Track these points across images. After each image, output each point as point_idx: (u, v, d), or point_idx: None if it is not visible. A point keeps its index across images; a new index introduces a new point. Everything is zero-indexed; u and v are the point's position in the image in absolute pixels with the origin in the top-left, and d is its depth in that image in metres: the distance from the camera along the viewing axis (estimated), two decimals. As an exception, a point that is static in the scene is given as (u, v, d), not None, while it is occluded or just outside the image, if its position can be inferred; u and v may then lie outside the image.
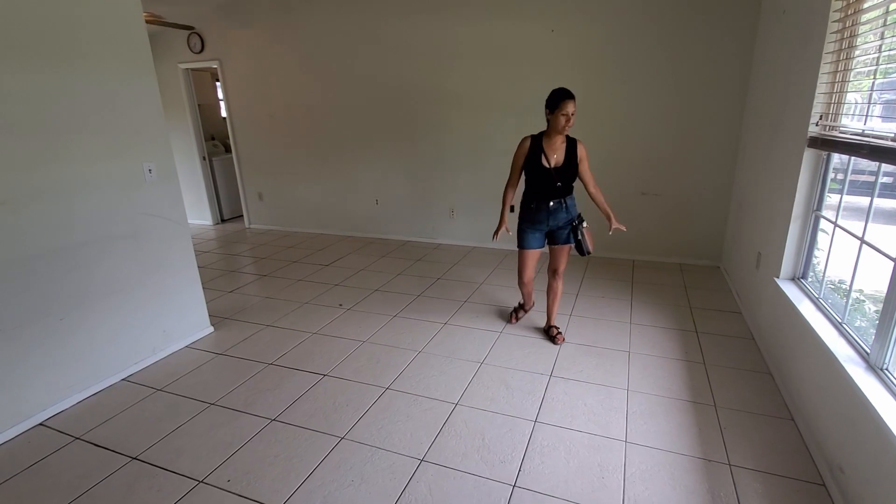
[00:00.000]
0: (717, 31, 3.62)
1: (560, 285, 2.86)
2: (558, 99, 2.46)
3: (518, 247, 2.80)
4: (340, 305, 3.50)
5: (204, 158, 5.99)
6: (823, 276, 2.25)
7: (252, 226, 6.06)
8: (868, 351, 1.73)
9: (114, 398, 2.44)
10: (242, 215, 6.12)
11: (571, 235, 2.70)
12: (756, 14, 3.49)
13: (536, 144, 2.60)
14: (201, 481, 1.86)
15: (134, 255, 2.62)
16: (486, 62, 4.32)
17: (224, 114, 6.54)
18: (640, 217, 4.22)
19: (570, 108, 2.45)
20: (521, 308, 3.16)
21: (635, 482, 1.79)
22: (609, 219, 2.70)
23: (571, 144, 2.60)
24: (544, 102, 2.55)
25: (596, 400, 2.30)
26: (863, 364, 1.72)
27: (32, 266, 2.19)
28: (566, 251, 2.76)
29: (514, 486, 1.79)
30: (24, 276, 2.16)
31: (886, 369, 1.62)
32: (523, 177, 2.70)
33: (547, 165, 2.57)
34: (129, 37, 2.52)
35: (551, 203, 2.63)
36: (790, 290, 2.38)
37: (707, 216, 4.07)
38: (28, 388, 2.22)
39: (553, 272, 2.82)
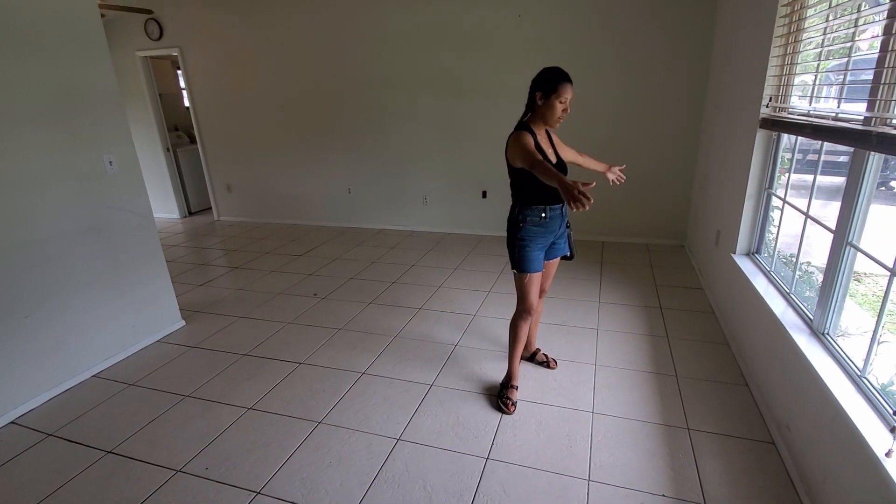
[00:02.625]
0: (678, 15, 3.71)
1: (542, 306, 2.48)
2: (555, 81, 1.94)
3: (523, 270, 2.07)
4: (315, 295, 3.50)
5: (168, 150, 5.82)
6: (774, 250, 2.38)
7: (221, 218, 5.94)
8: (812, 318, 1.86)
9: (85, 394, 2.41)
10: (211, 208, 6.00)
11: (566, 243, 2.27)
12: (715, 4, 3.59)
13: (534, 139, 2.00)
14: (179, 470, 1.87)
15: (98, 250, 2.57)
16: (454, 49, 4.32)
17: (187, 103, 6.35)
18: (607, 199, 4.31)
19: (568, 93, 1.96)
20: (512, 386, 2.22)
21: (601, 449, 1.89)
22: (607, 165, 2.42)
23: (551, 138, 2.18)
24: (514, 87, 2.54)
25: (565, 375, 2.40)
26: (807, 330, 1.84)
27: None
28: (557, 264, 2.35)
29: (488, 458, 1.87)
30: (-17, 273, 2.10)
31: (827, 334, 1.75)
32: (519, 185, 2.08)
33: (553, 162, 2.04)
34: (83, 23, 2.43)
35: (563, 207, 2.10)
36: (745, 265, 2.51)
37: (671, 197, 4.21)
38: (-7, 387, 2.17)
39: (541, 292, 2.32)
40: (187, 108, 6.51)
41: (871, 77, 1.52)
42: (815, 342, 1.76)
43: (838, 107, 1.77)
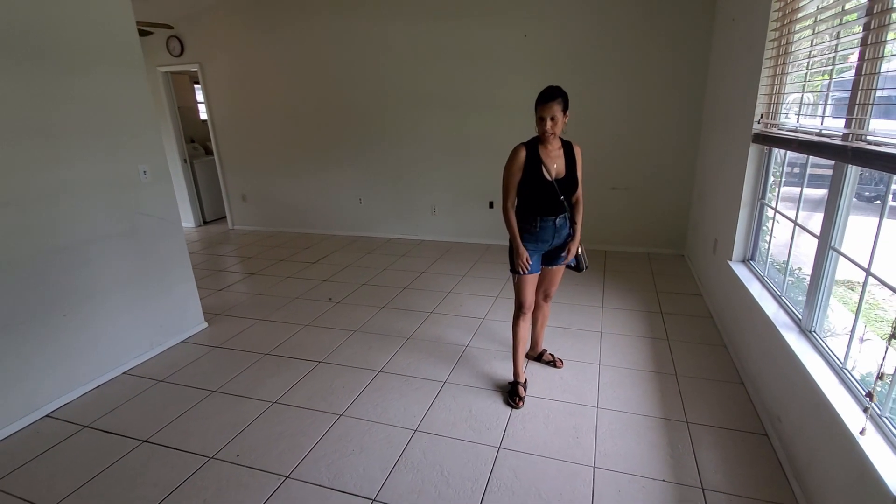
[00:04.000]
0: (676, 37, 3.91)
1: (549, 309, 2.60)
2: (537, 102, 2.09)
3: (517, 272, 2.26)
4: (330, 299, 3.66)
5: (185, 161, 6.03)
6: (767, 256, 2.53)
7: (236, 227, 6.13)
8: (801, 318, 2.00)
9: (117, 390, 2.56)
10: (225, 217, 6.19)
11: (565, 254, 2.35)
12: (711, 21, 3.80)
13: (533, 154, 2.14)
14: (212, 457, 2.01)
15: (131, 254, 2.74)
16: (463, 65, 4.53)
17: (204, 116, 6.58)
18: (610, 210, 4.50)
19: (547, 111, 2.05)
20: (517, 383, 2.37)
21: (606, 440, 2.03)
22: (574, 236, 2.33)
23: (569, 150, 2.24)
24: (520, 102, 2.71)
25: (571, 374, 2.53)
26: (796, 329, 1.99)
27: (37, 264, 2.29)
28: (562, 272, 2.44)
29: (500, 447, 2.00)
30: (31, 274, 2.26)
31: (814, 331, 1.89)
32: (517, 195, 2.24)
33: (549, 178, 2.15)
34: (123, 42, 2.64)
35: (557, 220, 2.21)
36: (740, 271, 2.66)
37: (671, 208, 4.37)
38: (34, 381, 2.32)
39: (546, 296, 2.49)
40: (203, 120, 6.74)
41: (848, 97, 1.69)
42: (803, 339, 1.90)
43: (822, 123, 1.94)
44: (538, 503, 1.72)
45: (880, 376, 1.33)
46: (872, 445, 1.31)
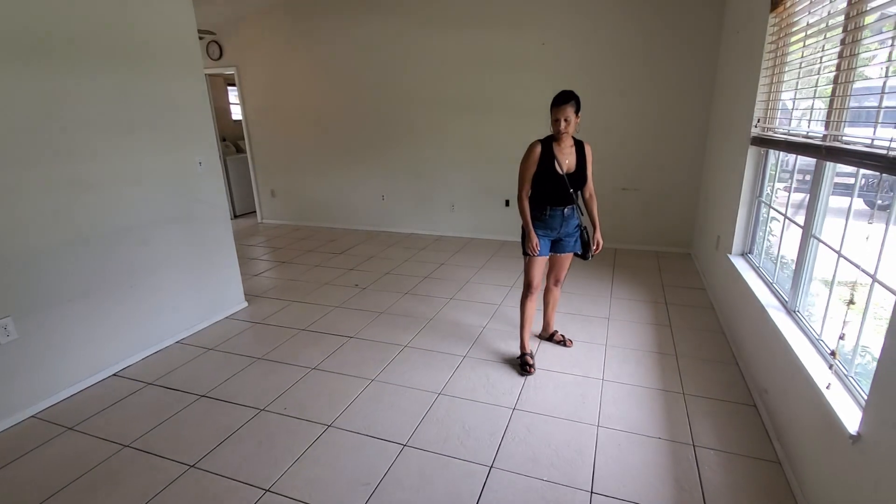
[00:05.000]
0: (687, 46, 4.15)
1: (559, 293, 2.86)
2: (552, 104, 2.38)
3: (527, 254, 2.56)
4: (356, 286, 3.96)
5: (220, 158, 6.40)
6: (762, 249, 2.76)
7: (264, 221, 6.48)
8: (787, 300, 2.23)
9: (173, 356, 2.87)
10: (255, 211, 6.55)
11: (578, 242, 2.62)
12: (719, 32, 4.03)
13: (547, 150, 2.43)
14: (263, 409, 2.31)
15: (186, 236, 3.06)
16: (484, 71, 4.82)
17: (237, 117, 6.97)
18: (620, 210, 4.74)
19: (561, 113, 2.33)
20: (525, 354, 2.65)
21: (609, 404, 2.28)
22: (595, 228, 2.66)
23: (580, 148, 2.50)
24: (537, 107, 2.99)
25: (580, 353, 2.79)
26: (783, 309, 2.22)
27: (111, 240, 2.62)
28: (570, 259, 2.70)
29: (514, 408, 2.27)
30: (105, 248, 2.59)
31: (797, 311, 2.12)
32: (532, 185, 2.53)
33: (560, 172, 2.43)
34: (186, 47, 2.98)
35: (566, 210, 2.49)
36: (738, 263, 2.89)
37: (680, 208, 4.59)
38: (104, 343, 2.64)
39: (556, 281, 2.76)
40: (235, 120, 7.14)
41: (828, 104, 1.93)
42: (788, 318, 2.13)
43: (808, 127, 2.18)
44: (548, 451, 1.98)
45: (841, 337, 1.57)
46: (836, 397, 1.55)
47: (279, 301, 3.66)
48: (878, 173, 1.47)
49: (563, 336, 2.89)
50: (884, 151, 1.37)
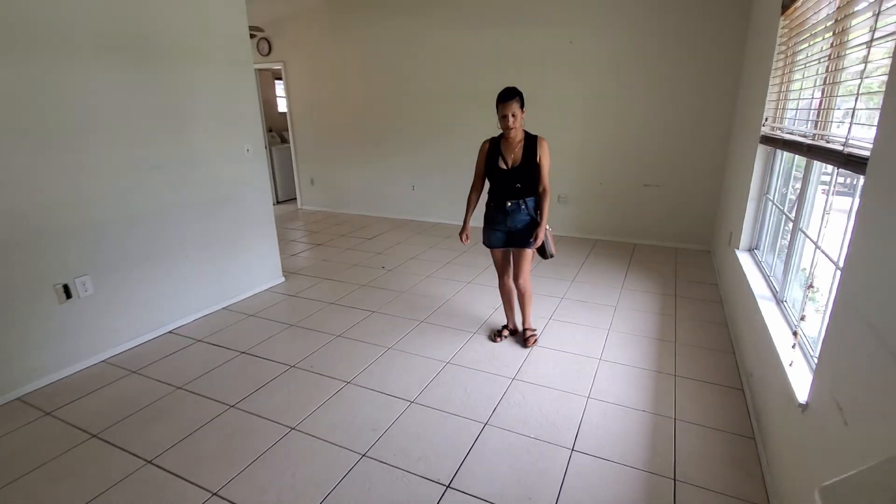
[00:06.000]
0: (714, 44, 4.19)
1: (525, 288, 2.74)
2: (497, 101, 2.45)
3: (483, 242, 2.76)
4: (383, 268, 4.27)
5: (265, 147, 6.88)
6: (765, 244, 2.85)
7: (303, 207, 6.93)
8: (778, 290, 2.35)
9: (219, 320, 3.27)
10: (295, 198, 7.00)
11: (532, 239, 2.59)
12: (745, 32, 4.06)
13: (494, 147, 2.58)
14: (293, 366, 2.64)
15: (234, 215, 3.45)
16: (512, 67, 5.00)
17: (281, 109, 7.45)
18: (641, 205, 4.83)
19: (505, 109, 2.41)
20: (506, 328, 2.96)
21: (601, 381, 2.47)
22: (539, 222, 2.59)
23: (531, 143, 2.53)
24: (564, 103, 3.15)
25: (582, 334, 2.98)
26: (773, 299, 2.34)
27: (171, 215, 3.02)
28: (525, 255, 2.66)
29: (514, 378, 2.50)
30: (167, 220, 3.00)
31: (784, 301, 2.24)
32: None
33: (504, 167, 2.53)
34: (239, 44, 3.34)
35: (508, 204, 2.56)
36: (743, 258, 2.99)
37: (701, 205, 4.63)
38: (162, 305, 3.05)
39: (514, 276, 2.75)
40: (280, 112, 7.62)
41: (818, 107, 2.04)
42: (776, 307, 2.26)
43: (806, 127, 2.28)
44: (538, 415, 2.21)
45: (802, 318, 1.71)
46: (795, 373, 1.70)
47: (312, 278, 4.02)
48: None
49: (532, 332, 2.86)
50: (840, 148, 1.51)
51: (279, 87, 7.67)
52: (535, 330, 2.94)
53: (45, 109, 2.36)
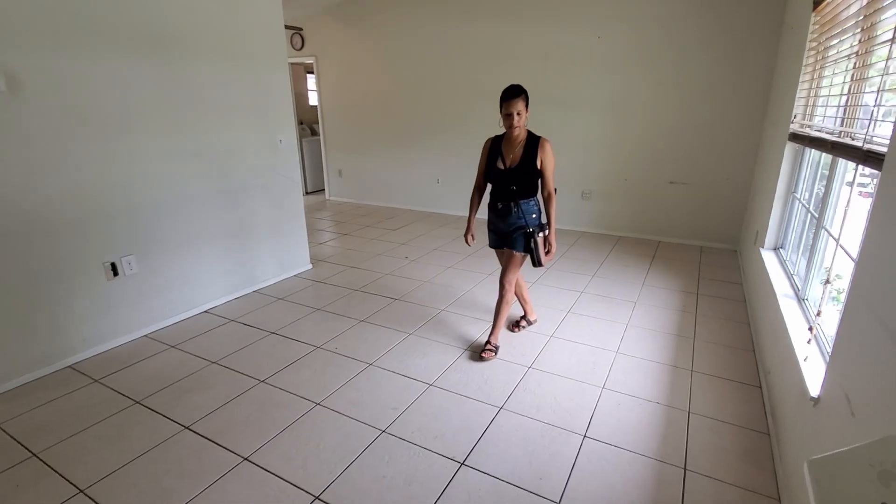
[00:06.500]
0: (746, 40, 4.11)
1: (507, 293, 2.61)
2: (500, 99, 2.36)
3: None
4: (406, 258, 4.38)
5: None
6: (789, 243, 2.82)
7: (331, 198, 7.11)
8: (800, 289, 2.34)
9: (250, 302, 3.44)
10: (324, 189, 7.19)
11: (522, 243, 2.53)
12: (779, 28, 3.97)
13: (496, 145, 2.52)
14: (318, 347, 2.77)
15: (266, 203, 3.61)
16: (539, 64, 5.02)
17: (312, 102, 7.64)
18: (667, 203, 4.79)
19: (510, 107, 2.32)
20: (524, 318, 2.99)
21: (617, 372, 2.51)
22: (549, 229, 2.56)
23: (532, 144, 2.42)
24: (590, 99, 3.16)
25: (600, 328, 3.01)
26: (795, 298, 2.33)
27: (210, 202, 3.19)
28: (514, 258, 2.58)
29: (530, 367, 2.57)
30: (205, 208, 3.17)
31: (805, 299, 2.24)
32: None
33: (501, 167, 2.46)
34: (274, 40, 3.49)
35: (499, 205, 2.52)
36: (768, 256, 2.96)
37: (729, 204, 4.56)
38: (199, 287, 3.23)
39: (500, 277, 2.67)
40: (311, 106, 7.81)
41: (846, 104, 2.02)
42: (796, 305, 2.25)
43: (834, 125, 2.25)
44: (553, 403, 2.27)
45: (818, 313, 1.72)
46: (809, 368, 1.71)
47: (338, 265, 4.17)
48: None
49: (490, 347, 2.66)
50: (860, 144, 1.51)
51: (310, 81, 7.86)
52: (496, 347, 2.67)
53: (96, 99, 2.54)
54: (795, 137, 2.73)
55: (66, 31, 2.39)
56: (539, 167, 2.46)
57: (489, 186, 2.64)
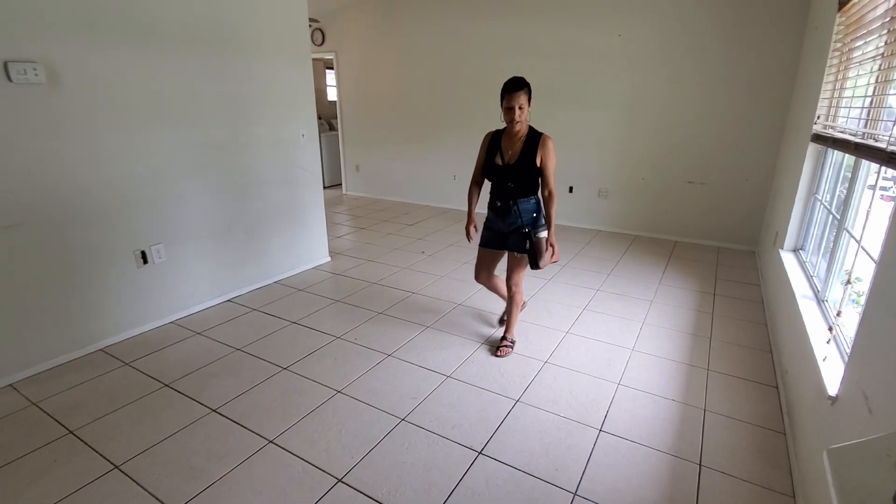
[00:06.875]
0: (768, 39, 4.08)
1: (515, 293, 2.59)
2: (502, 91, 2.26)
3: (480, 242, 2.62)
4: (423, 253, 4.43)
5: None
6: (810, 244, 2.81)
7: (348, 193, 7.20)
8: (819, 290, 2.34)
9: (271, 293, 3.52)
10: (340, 184, 7.27)
11: (520, 244, 2.43)
12: (803, 28, 3.92)
13: (495, 140, 2.42)
14: (338, 337, 2.84)
15: (289, 196, 3.68)
16: (558, 61, 5.02)
17: (331, 98, 7.72)
18: (684, 203, 4.77)
19: (511, 100, 2.21)
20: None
21: (632, 369, 2.54)
22: (549, 230, 2.41)
23: (532, 140, 2.32)
24: (608, 97, 3.17)
25: (616, 326, 3.03)
26: (815, 299, 2.33)
27: (233, 194, 3.27)
28: (517, 259, 2.50)
29: (546, 362, 2.60)
30: (229, 200, 3.25)
31: (825, 300, 2.24)
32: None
33: (500, 163, 2.36)
34: (297, 36, 3.55)
35: (498, 203, 2.41)
36: (787, 258, 2.96)
37: (748, 205, 4.53)
38: (223, 276, 3.32)
39: (507, 279, 2.60)
40: (330, 101, 7.89)
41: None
42: (816, 306, 2.25)
43: (858, 126, 2.25)
44: (569, 398, 2.31)
45: (838, 313, 1.73)
46: (828, 367, 1.73)
47: (356, 259, 4.24)
48: None
49: (507, 343, 2.68)
50: (884, 146, 1.52)
51: (329, 77, 7.94)
52: (513, 342, 2.69)
53: (128, 93, 2.63)
54: (818, 138, 2.71)
55: (101, 27, 2.47)
56: (539, 165, 2.33)
57: (488, 184, 2.54)
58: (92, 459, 1.90)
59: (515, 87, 2.23)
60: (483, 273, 2.69)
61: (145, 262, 2.82)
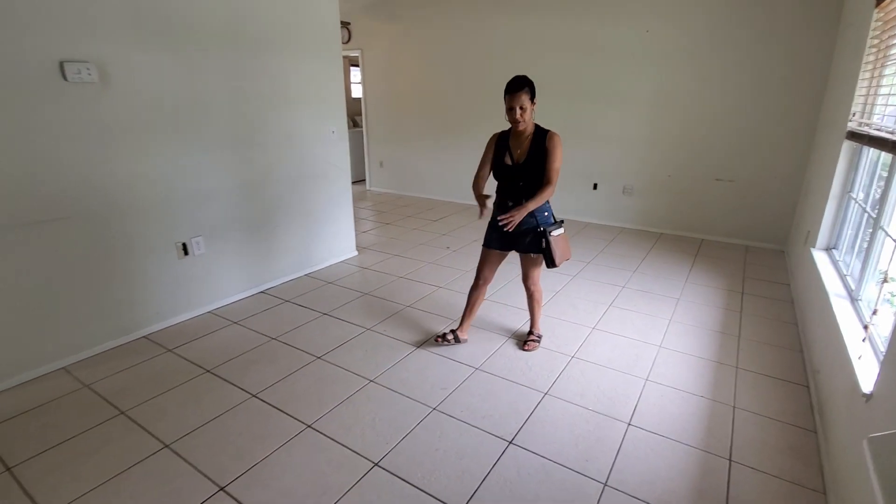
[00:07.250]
0: (800, 36, 4.00)
1: (534, 290, 2.62)
2: (505, 91, 2.24)
3: (484, 244, 2.58)
4: (448, 248, 4.49)
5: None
6: (843, 243, 2.78)
7: (371, 188, 7.30)
8: (853, 289, 2.32)
9: (302, 285, 3.62)
10: (364, 179, 7.38)
11: (535, 244, 2.42)
12: (836, 25, 3.84)
13: (503, 140, 2.42)
14: (368, 329, 2.92)
15: (319, 190, 3.78)
16: (585, 57, 5.00)
17: (356, 94, 7.82)
18: (711, 200, 4.72)
19: (512, 101, 2.21)
20: (453, 333, 2.69)
21: (660, 365, 2.55)
22: (521, 205, 2.33)
23: (539, 139, 2.32)
24: (635, 93, 3.16)
25: (643, 322, 3.05)
26: (848, 298, 2.32)
27: (268, 188, 3.38)
28: (532, 260, 2.51)
29: (573, 357, 2.64)
30: (264, 194, 3.36)
31: (859, 299, 2.22)
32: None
33: (509, 163, 2.37)
34: (330, 34, 3.64)
35: (510, 203, 2.40)
36: (819, 257, 2.93)
37: (778, 203, 4.46)
38: (257, 268, 3.43)
39: (523, 279, 2.63)
40: (354, 98, 8.00)
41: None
42: (849, 305, 2.24)
43: (895, 124, 2.22)
44: (597, 392, 2.34)
45: (874, 312, 1.73)
46: (862, 365, 1.73)
47: (382, 253, 4.32)
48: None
49: (534, 337, 2.72)
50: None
51: (354, 74, 8.04)
52: (539, 336, 2.74)
53: (172, 91, 2.74)
54: (853, 136, 2.68)
55: (149, 27, 2.58)
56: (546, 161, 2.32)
57: (491, 183, 2.52)
58: (144, 438, 2.01)
59: (516, 87, 2.22)
60: (487, 275, 2.60)
61: (186, 253, 2.94)
